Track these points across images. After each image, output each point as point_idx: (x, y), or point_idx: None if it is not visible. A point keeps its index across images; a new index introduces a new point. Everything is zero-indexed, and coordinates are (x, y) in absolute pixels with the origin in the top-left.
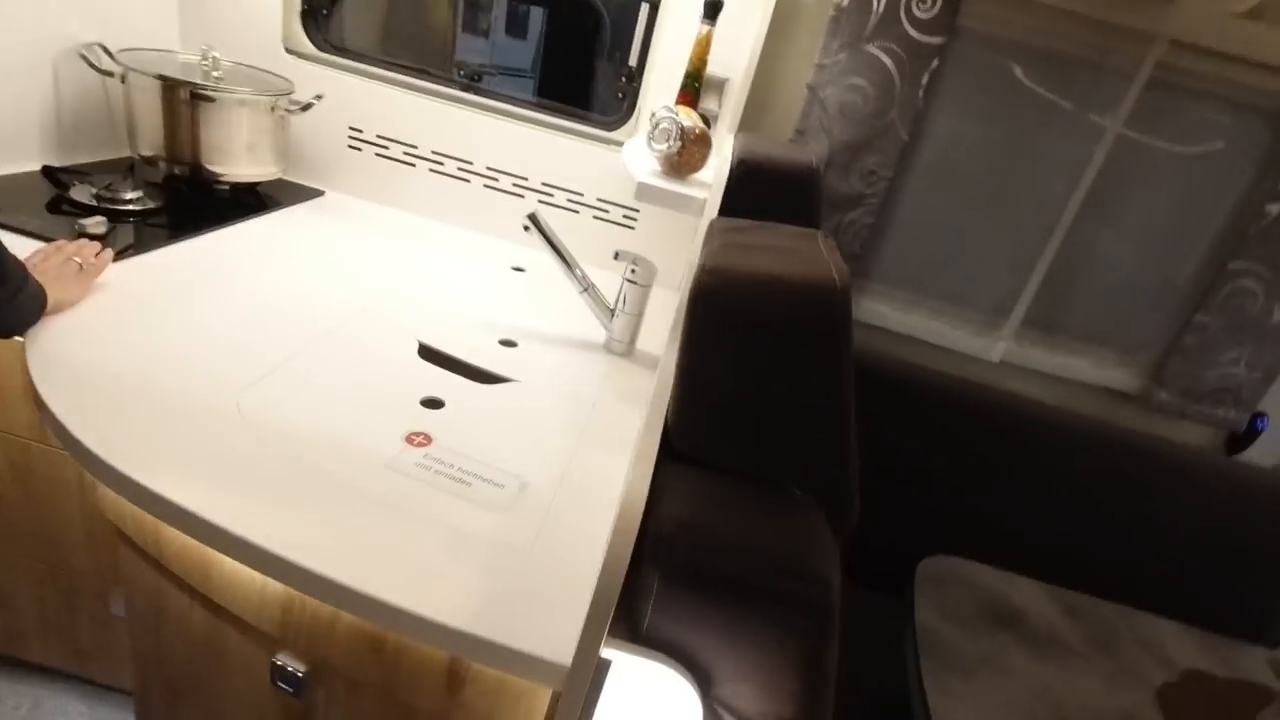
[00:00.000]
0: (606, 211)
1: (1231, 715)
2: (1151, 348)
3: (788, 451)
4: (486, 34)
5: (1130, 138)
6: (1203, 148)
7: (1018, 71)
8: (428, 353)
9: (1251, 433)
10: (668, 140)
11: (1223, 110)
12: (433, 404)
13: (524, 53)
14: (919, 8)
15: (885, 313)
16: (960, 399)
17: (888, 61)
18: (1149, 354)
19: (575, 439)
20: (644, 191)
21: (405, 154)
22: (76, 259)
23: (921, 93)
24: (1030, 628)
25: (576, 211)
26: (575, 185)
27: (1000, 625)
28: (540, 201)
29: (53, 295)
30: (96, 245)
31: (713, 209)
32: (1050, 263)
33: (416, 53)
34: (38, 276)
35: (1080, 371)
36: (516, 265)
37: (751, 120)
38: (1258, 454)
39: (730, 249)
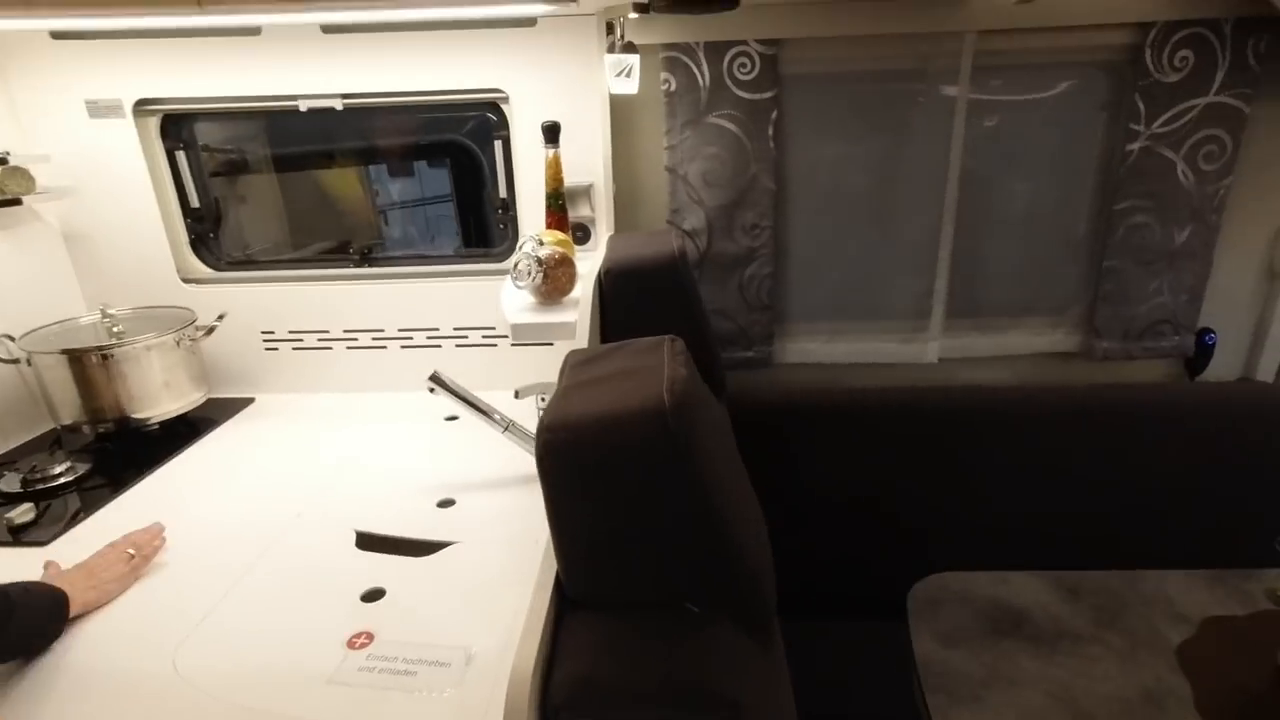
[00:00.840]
0: None
1: (1257, 655)
2: (1076, 302)
3: (669, 573)
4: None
5: (982, 101)
6: (1054, 91)
7: (854, 91)
8: (366, 540)
9: (1204, 350)
10: (529, 276)
11: (1058, 69)
12: (373, 596)
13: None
14: (740, 72)
15: (814, 349)
16: (905, 406)
17: (731, 126)
18: (1077, 309)
19: (519, 584)
20: (520, 332)
21: (320, 341)
22: (130, 550)
23: (771, 143)
24: (1035, 626)
25: (495, 345)
26: (485, 321)
27: (1004, 633)
28: (457, 345)
29: (82, 597)
30: (157, 528)
31: (584, 329)
32: (951, 251)
33: (335, 232)
34: (84, 578)
35: (1019, 345)
36: (450, 414)
37: (626, 213)
38: (1221, 367)
39: (571, 392)
